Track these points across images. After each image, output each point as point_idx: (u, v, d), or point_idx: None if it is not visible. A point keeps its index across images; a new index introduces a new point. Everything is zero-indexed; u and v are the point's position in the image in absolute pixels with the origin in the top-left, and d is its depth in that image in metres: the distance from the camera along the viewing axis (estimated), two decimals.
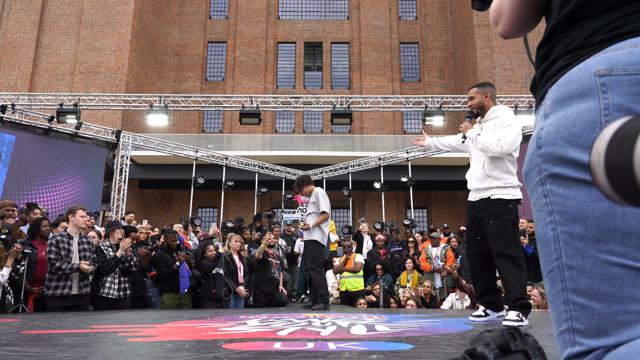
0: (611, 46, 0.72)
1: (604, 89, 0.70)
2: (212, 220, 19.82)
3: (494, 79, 18.49)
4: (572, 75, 0.74)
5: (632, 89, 0.68)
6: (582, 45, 0.76)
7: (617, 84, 0.69)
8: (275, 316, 4.31)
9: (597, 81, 0.70)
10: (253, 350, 2.08)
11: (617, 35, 0.72)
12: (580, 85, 0.72)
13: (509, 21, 0.98)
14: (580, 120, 0.71)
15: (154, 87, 21.18)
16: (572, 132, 0.72)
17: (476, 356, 0.63)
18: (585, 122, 0.71)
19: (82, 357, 1.86)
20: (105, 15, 19.15)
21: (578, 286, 0.70)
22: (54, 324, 3.47)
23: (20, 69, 18.64)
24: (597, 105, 0.70)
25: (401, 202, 19.92)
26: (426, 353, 1.98)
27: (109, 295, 5.61)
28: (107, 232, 6.03)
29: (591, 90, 0.71)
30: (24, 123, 11.35)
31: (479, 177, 3.58)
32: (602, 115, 0.69)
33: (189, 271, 6.48)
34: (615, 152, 0.45)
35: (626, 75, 0.68)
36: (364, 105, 12.54)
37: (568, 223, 0.71)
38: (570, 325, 0.71)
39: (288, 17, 23.37)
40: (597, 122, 0.69)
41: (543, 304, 5.83)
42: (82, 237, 5.42)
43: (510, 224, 3.45)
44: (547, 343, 2.30)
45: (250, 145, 19.24)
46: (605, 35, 0.73)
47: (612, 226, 0.67)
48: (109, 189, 12.49)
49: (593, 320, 0.68)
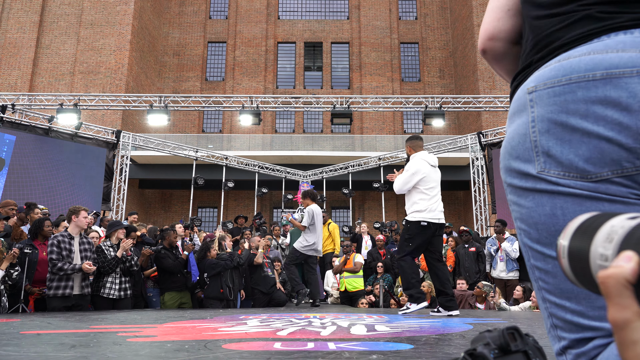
0: (542, 65, 0.80)
1: (532, 104, 0.77)
2: (212, 221, 19.83)
3: (494, 78, 18.49)
4: (517, 95, 0.83)
5: (552, 100, 0.75)
6: (526, 65, 0.84)
7: (540, 97, 0.76)
8: (275, 316, 4.31)
9: (527, 98, 0.79)
10: (253, 350, 2.08)
11: (549, 52, 0.80)
12: (519, 102, 0.81)
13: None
14: (516, 134, 0.80)
15: (154, 87, 21.18)
16: (512, 145, 0.80)
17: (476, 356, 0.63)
18: (519, 135, 0.79)
19: (82, 357, 1.86)
20: (105, 15, 19.15)
21: (548, 285, 0.76)
22: (54, 324, 3.47)
23: (20, 69, 18.64)
24: (527, 118, 0.78)
25: (401, 202, 19.91)
26: (426, 353, 1.98)
27: (109, 295, 5.60)
28: (108, 232, 6.01)
29: (524, 106, 0.79)
30: (24, 123, 11.35)
31: (407, 206, 4.88)
32: (529, 127, 0.77)
33: (194, 263, 6.48)
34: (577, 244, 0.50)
35: (546, 88, 0.76)
36: (364, 105, 12.54)
37: (526, 228, 0.78)
38: (552, 322, 0.76)
39: (288, 17, 23.37)
40: (527, 134, 0.77)
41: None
42: (82, 237, 5.42)
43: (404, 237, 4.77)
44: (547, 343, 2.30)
45: (250, 145, 19.24)
46: (540, 54, 0.81)
47: (558, 228, 0.73)
48: (109, 189, 12.48)
49: (567, 316, 0.73)
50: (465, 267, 7.68)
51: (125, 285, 5.73)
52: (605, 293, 0.42)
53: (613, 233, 0.47)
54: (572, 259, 0.51)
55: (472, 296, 6.77)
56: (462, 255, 7.87)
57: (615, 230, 0.47)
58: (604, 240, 0.47)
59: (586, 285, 0.50)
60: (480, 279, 7.55)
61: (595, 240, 0.48)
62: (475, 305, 6.64)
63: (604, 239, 0.47)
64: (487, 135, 12.91)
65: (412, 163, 4.87)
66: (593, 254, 0.48)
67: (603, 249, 0.47)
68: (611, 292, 0.42)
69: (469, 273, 7.56)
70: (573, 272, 0.51)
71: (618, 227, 0.47)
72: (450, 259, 7.84)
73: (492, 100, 12.19)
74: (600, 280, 0.43)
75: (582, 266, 0.49)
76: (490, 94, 15.75)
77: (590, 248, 0.48)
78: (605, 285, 0.42)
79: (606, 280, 0.42)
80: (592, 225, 0.50)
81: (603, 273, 0.43)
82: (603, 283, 0.42)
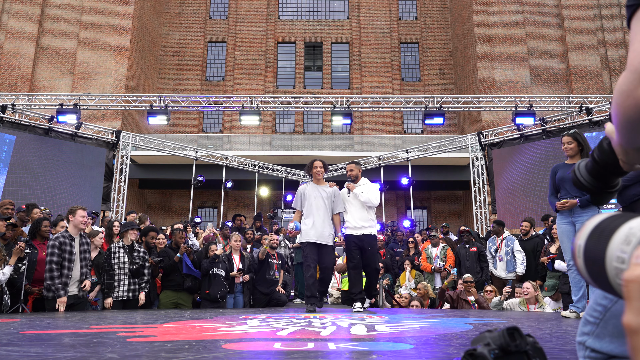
0: None
1: None
2: (212, 221, 19.82)
3: (494, 78, 18.49)
4: None
5: None
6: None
7: None
8: (275, 316, 4.31)
9: None
10: (253, 350, 2.08)
11: None
12: None
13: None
14: None
15: (154, 87, 21.18)
16: None
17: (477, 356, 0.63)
18: None
19: (82, 357, 1.86)
20: (105, 15, 19.14)
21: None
22: (54, 324, 3.47)
23: (20, 69, 18.63)
24: None
25: (401, 202, 19.91)
26: (426, 353, 1.98)
27: (118, 297, 5.64)
28: (121, 232, 6.08)
29: None
30: (24, 123, 11.35)
31: (364, 219, 5.34)
32: None
33: (191, 265, 6.48)
34: (593, 246, 0.50)
35: None
36: (364, 105, 12.53)
37: None
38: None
39: (288, 17, 23.37)
40: None
41: (534, 298, 5.94)
42: (82, 237, 5.42)
43: (377, 250, 5.63)
44: (547, 343, 2.30)
45: (250, 145, 19.23)
46: None
47: None
48: (109, 189, 12.48)
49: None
50: (467, 267, 7.68)
51: (135, 287, 5.77)
52: (626, 296, 0.41)
53: (631, 235, 0.46)
54: (587, 259, 0.50)
55: (462, 292, 6.79)
56: (463, 255, 7.87)
57: (633, 232, 0.46)
58: (622, 242, 0.46)
59: (602, 285, 0.50)
60: (481, 278, 7.56)
61: (612, 242, 0.48)
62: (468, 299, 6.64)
63: (621, 241, 0.47)
64: (487, 135, 12.91)
65: (372, 184, 5.57)
66: (609, 256, 0.47)
67: (620, 251, 0.46)
68: (633, 295, 0.40)
69: (471, 273, 7.56)
70: (589, 272, 0.50)
71: (637, 229, 0.46)
72: (450, 259, 7.84)
73: (492, 100, 12.19)
74: (625, 283, 0.42)
75: (598, 267, 0.49)
76: (490, 94, 15.75)
77: (606, 250, 0.48)
78: (628, 288, 0.41)
79: (630, 284, 0.41)
80: (610, 226, 0.49)
81: (628, 275, 0.41)
82: (626, 285, 0.41)
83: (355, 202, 5.43)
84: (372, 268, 5.39)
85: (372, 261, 5.35)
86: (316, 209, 5.27)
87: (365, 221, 5.33)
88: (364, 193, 5.35)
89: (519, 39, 18.92)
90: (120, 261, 5.75)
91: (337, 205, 5.44)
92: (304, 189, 5.50)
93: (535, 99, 11.56)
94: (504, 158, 12.19)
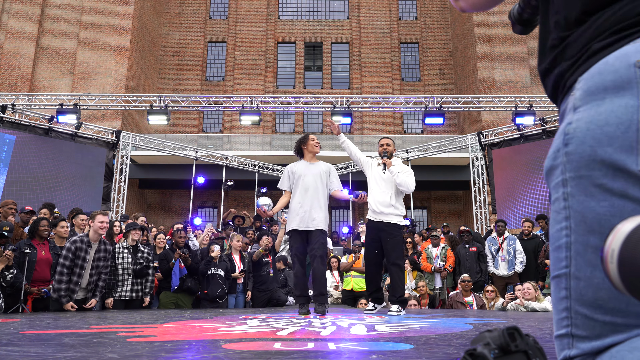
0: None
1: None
2: (212, 221, 19.82)
3: (494, 78, 18.49)
4: (608, 64, 0.63)
5: None
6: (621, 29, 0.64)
7: None
8: (275, 316, 4.31)
9: (637, 73, 0.60)
10: (253, 350, 2.08)
11: None
12: (617, 76, 0.62)
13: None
14: (615, 118, 0.61)
15: (154, 87, 21.18)
16: (604, 131, 0.61)
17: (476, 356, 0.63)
18: (619, 121, 0.61)
19: (82, 357, 1.86)
20: (105, 15, 19.14)
21: (583, 297, 0.65)
22: (54, 324, 3.47)
23: (20, 69, 18.63)
24: (635, 101, 0.60)
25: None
26: (426, 353, 1.98)
27: (121, 297, 5.65)
28: (125, 231, 6.11)
29: (629, 83, 0.61)
30: (24, 123, 11.34)
31: (385, 204, 4.64)
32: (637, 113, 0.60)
33: (183, 269, 6.47)
34: (630, 254, 0.46)
35: None
36: (364, 105, 12.53)
37: (584, 233, 0.65)
38: (569, 330, 0.68)
39: (288, 17, 23.36)
40: (633, 121, 0.59)
41: (534, 297, 5.94)
42: (102, 243, 5.33)
43: (401, 242, 4.77)
44: (547, 343, 2.30)
45: (250, 145, 19.23)
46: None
47: None
48: (109, 189, 12.48)
49: (595, 330, 0.65)
50: (466, 267, 7.68)
51: (137, 287, 5.77)
52: None
53: None
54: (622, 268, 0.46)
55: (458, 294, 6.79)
56: (462, 255, 7.87)
57: None
58: None
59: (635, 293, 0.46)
60: (481, 278, 7.56)
61: None
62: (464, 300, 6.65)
63: None
64: (487, 135, 12.91)
65: (405, 166, 4.89)
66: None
67: None
68: None
69: (470, 273, 7.56)
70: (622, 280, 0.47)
71: None
72: (450, 259, 7.84)
73: (492, 100, 12.19)
74: None
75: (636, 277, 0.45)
76: (490, 94, 15.75)
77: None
78: None
79: None
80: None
81: None
82: None
83: (382, 183, 4.71)
84: (390, 263, 4.61)
85: (391, 255, 4.58)
86: (304, 190, 4.45)
87: (386, 207, 4.62)
88: (401, 173, 4.61)
89: (519, 39, 18.91)
90: (124, 261, 5.75)
91: (334, 183, 4.62)
92: (293, 167, 4.67)
93: (535, 99, 11.56)
94: (503, 158, 12.19)
